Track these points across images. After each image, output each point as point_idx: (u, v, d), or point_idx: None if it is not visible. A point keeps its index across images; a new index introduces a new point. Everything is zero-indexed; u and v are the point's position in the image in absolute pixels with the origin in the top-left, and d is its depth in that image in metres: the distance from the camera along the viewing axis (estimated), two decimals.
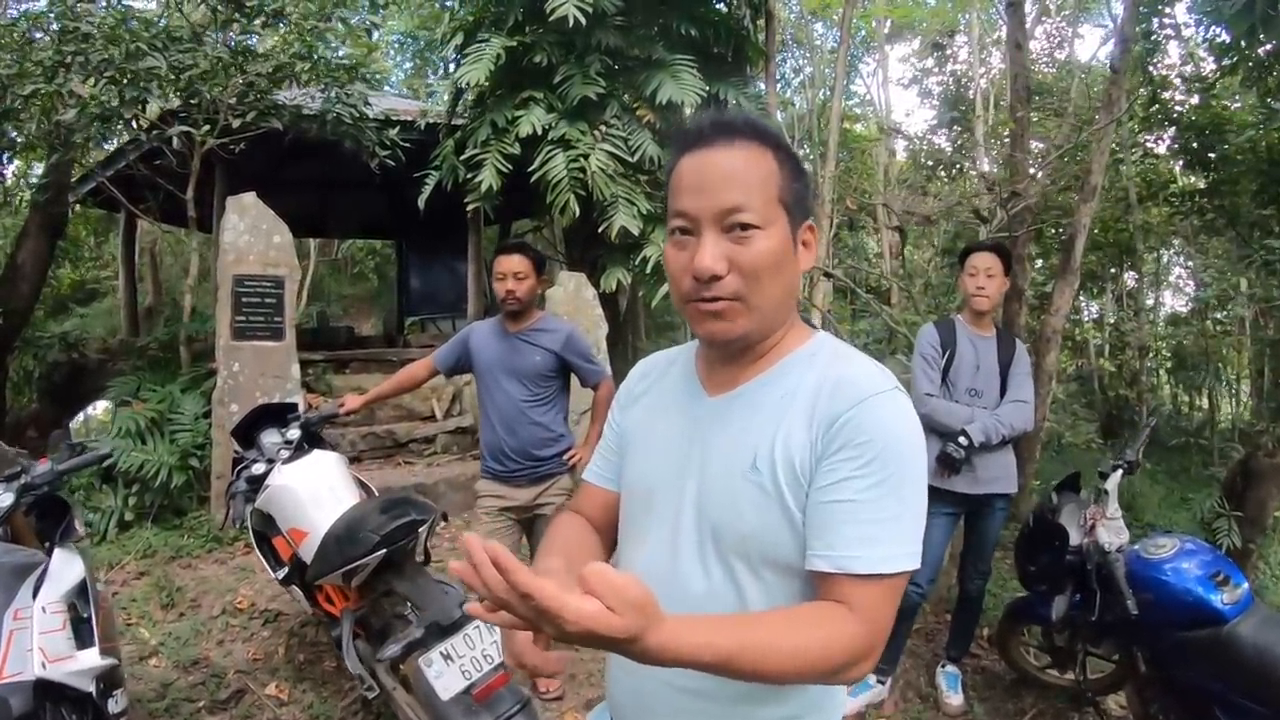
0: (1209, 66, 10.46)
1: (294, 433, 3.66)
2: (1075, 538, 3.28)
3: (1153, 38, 10.45)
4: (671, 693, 1.22)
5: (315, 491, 3.28)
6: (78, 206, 9.48)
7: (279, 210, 6.06)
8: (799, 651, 1.03)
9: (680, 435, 1.29)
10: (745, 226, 1.15)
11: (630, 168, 7.12)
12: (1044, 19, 16.28)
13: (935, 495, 3.61)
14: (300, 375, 7.60)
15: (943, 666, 4.01)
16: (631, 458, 1.38)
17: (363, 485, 3.69)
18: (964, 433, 3.51)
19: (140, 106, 6.44)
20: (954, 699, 3.86)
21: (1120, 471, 3.34)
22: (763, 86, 8.63)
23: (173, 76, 6.19)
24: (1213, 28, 9.46)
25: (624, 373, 1.53)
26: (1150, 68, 11.26)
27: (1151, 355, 14.01)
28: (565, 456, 3.74)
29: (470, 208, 7.52)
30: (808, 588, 1.16)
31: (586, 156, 6.90)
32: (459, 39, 7.63)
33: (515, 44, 7.02)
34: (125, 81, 6.08)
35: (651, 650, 0.93)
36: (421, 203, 7.84)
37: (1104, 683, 3.65)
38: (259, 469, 3.56)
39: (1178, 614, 2.91)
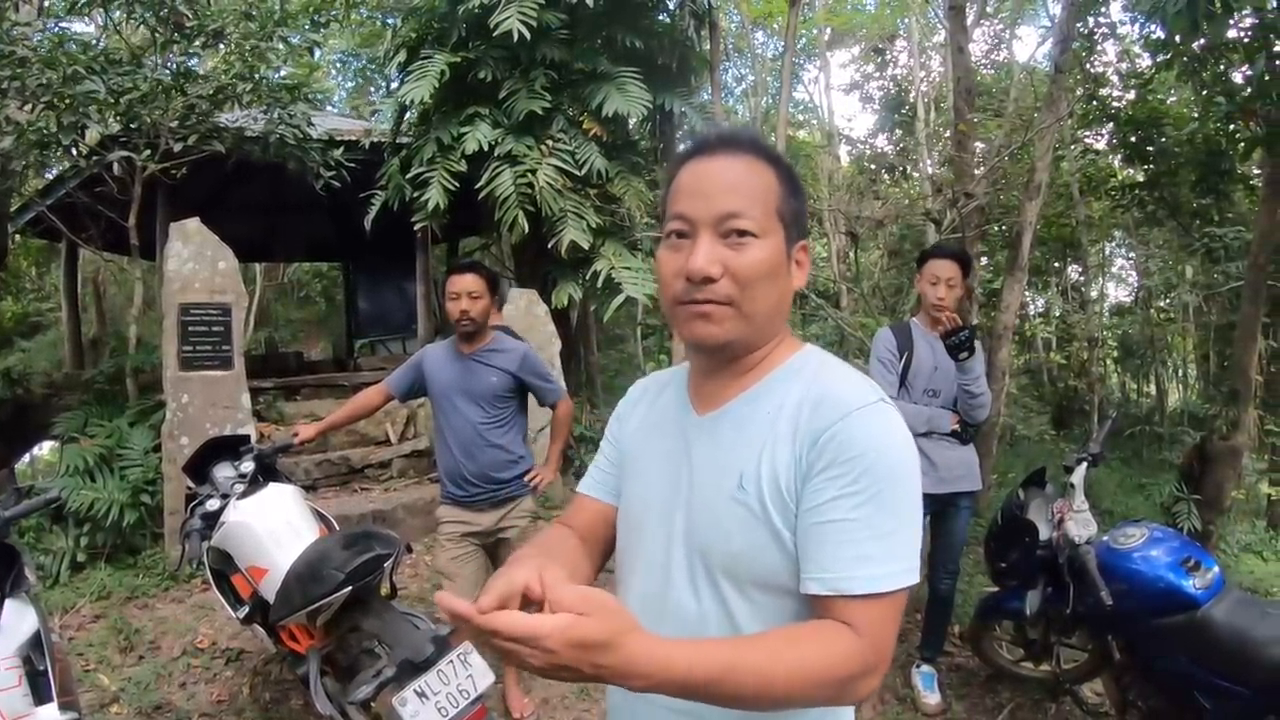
0: (1145, 63, 10.67)
1: (248, 465, 3.53)
2: (1044, 532, 3.29)
3: (1090, 36, 10.63)
4: (668, 714, 1.19)
5: (273, 527, 3.17)
6: (18, 237, 9.17)
7: (224, 235, 5.90)
8: (799, 669, 1.00)
9: (671, 455, 1.28)
10: (742, 233, 1.15)
11: (578, 181, 7.08)
12: (983, 21, 16.56)
13: None
14: (251, 404, 7.45)
15: (917, 667, 4.00)
16: (629, 478, 1.36)
17: (321, 517, 3.57)
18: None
19: (79, 132, 6.25)
20: (931, 698, 3.85)
21: (1085, 464, 3.36)
22: (708, 96, 8.63)
23: (112, 100, 6.01)
24: (1149, 24, 9.66)
25: (577, 389, 1.47)
26: (1088, 66, 11.46)
27: (1099, 346, 14.27)
28: (526, 478, 3.65)
29: (418, 227, 7.42)
30: (800, 608, 1.13)
31: (534, 171, 6.85)
32: (402, 56, 7.54)
33: (459, 60, 6.94)
34: (63, 106, 5.89)
35: (635, 660, 0.91)
36: (368, 223, 7.73)
37: (1079, 672, 3.65)
38: (213, 505, 3.43)
39: (1151, 601, 2.92)
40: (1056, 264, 16.65)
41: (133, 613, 5.02)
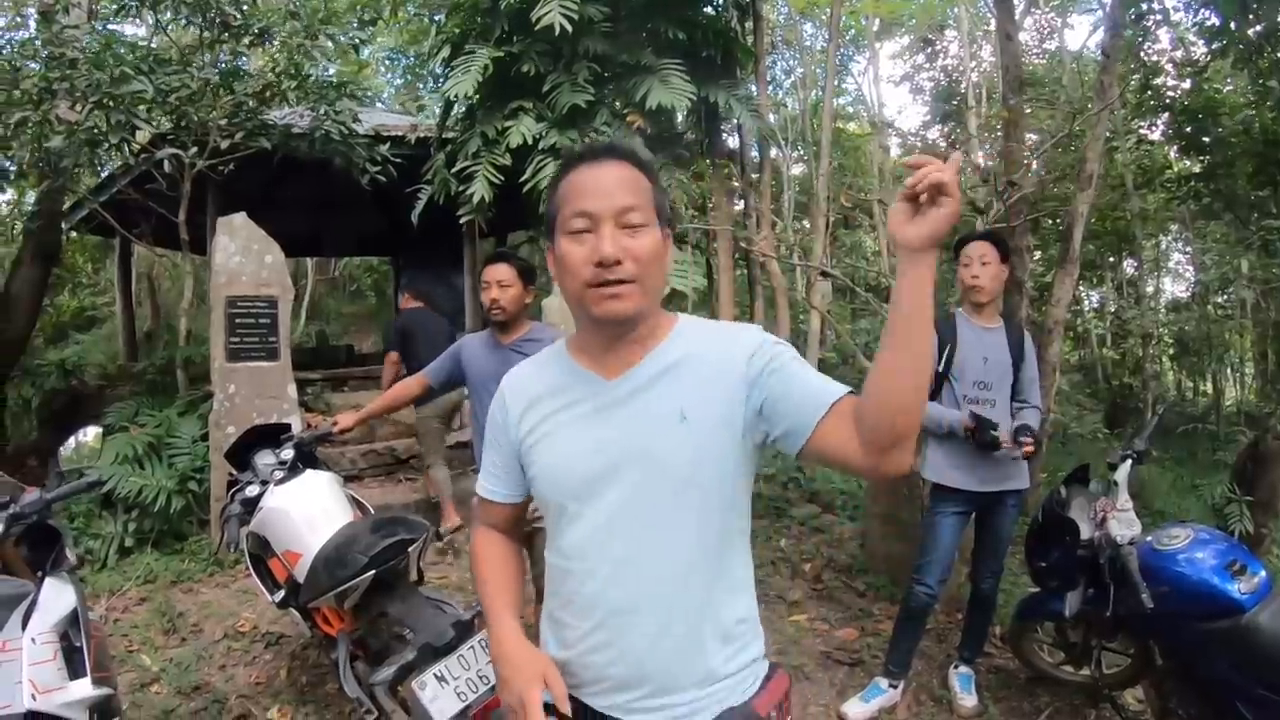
0: (1199, 51, 10.43)
1: (287, 453, 3.58)
2: (1086, 531, 3.20)
3: (1143, 23, 10.38)
4: (655, 638, 1.43)
5: (308, 512, 3.21)
6: (72, 234, 9.43)
7: (273, 231, 6.00)
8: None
9: (593, 420, 1.47)
10: (636, 225, 1.39)
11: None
12: (1033, 10, 16.24)
13: (945, 495, 3.53)
14: (298, 395, 7.57)
15: (955, 668, 3.92)
16: (545, 461, 1.52)
17: (358, 504, 3.61)
18: (1026, 427, 3.47)
19: (129, 131, 6.40)
20: (968, 700, 3.77)
21: (1130, 462, 3.26)
22: (754, 88, 8.54)
23: (160, 100, 6.15)
24: (1202, 11, 9.44)
25: None
26: (1142, 54, 11.18)
27: (1154, 342, 13.91)
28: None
29: (463, 220, 7.45)
30: (739, 508, 1.47)
31: None
32: (446, 52, 7.55)
33: (503, 54, 6.94)
34: (112, 106, 6.03)
35: None
36: (415, 218, 7.78)
37: (1121, 677, 3.55)
38: (253, 491, 3.49)
39: (1194, 605, 2.82)
40: (1111, 258, 16.28)
41: (177, 596, 5.14)
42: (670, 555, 1.41)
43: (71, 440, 2.88)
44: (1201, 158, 11.45)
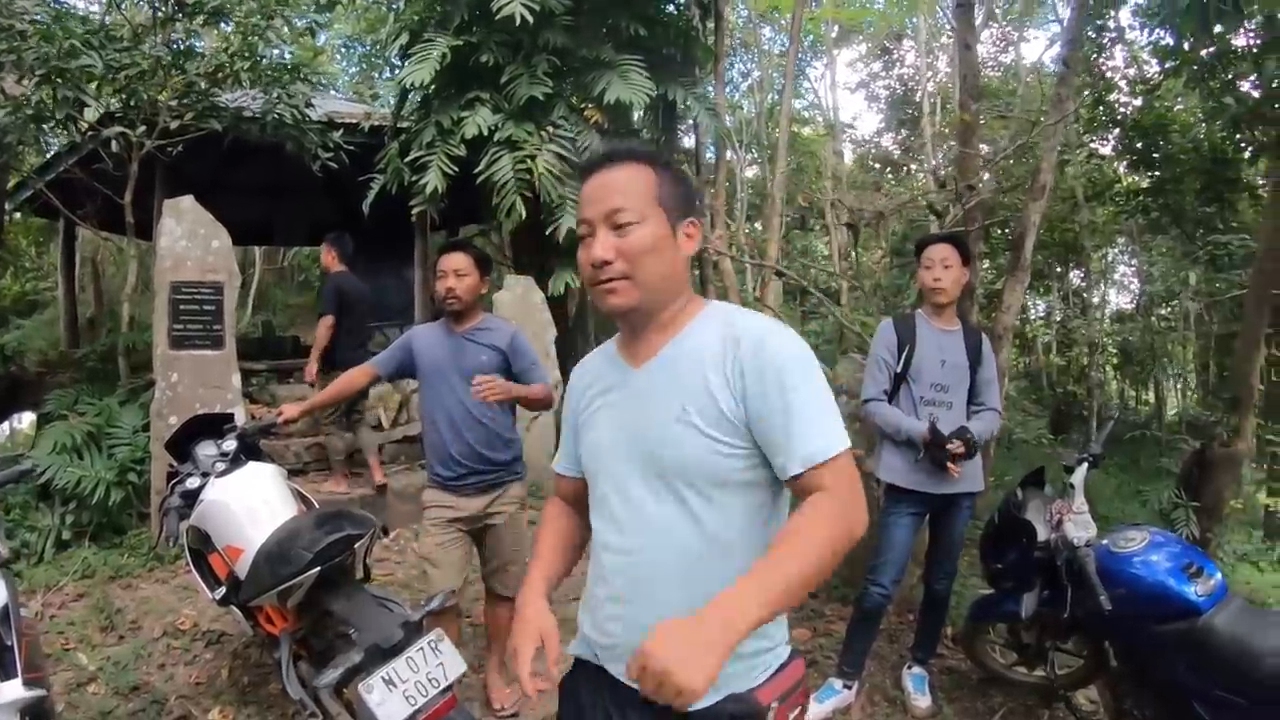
0: (1152, 69, 10.60)
1: (230, 445, 3.44)
2: (1043, 534, 3.18)
3: (1099, 40, 10.53)
4: (658, 609, 1.43)
5: (250, 506, 3.07)
6: (16, 215, 9.06)
7: (222, 217, 5.79)
8: (816, 547, 1.28)
9: (618, 405, 1.60)
10: (625, 224, 1.48)
11: (578, 169, 6.92)
12: (991, 23, 16.45)
13: (901, 496, 3.50)
14: (242, 385, 7.33)
15: (909, 668, 3.89)
16: (586, 441, 1.67)
17: (302, 498, 3.48)
18: (964, 429, 3.43)
19: (77, 107, 6.16)
20: (922, 701, 3.74)
21: (1085, 466, 3.27)
22: (712, 88, 8.51)
23: (110, 76, 5.91)
24: (1157, 31, 9.60)
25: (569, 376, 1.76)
26: (1096, 70, 11.35)
27: (1099, 351, 14.17)
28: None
29: (415, 211, 7.30)
30: (754, 497, 1.48)
31: (533, 158, 6.74)
32: (404, 39, 7.41)
33: (461, 44, 6.84)
34: (60, 81, 5.78)
35: (735, 624, 1.17)
36: (366, 207, 7.63)
37: (1074, 678, 3.54)
38: (193, 483, 3.34)
39: (1151, 607, 2.81)
40: (1059, 269, 16.57)
41: (115, 592, 4.94)
42: (673, 544, 1.48)
43: (5, 426, 2.71)
44: (1151, 173, 11.64)
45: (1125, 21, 10.39)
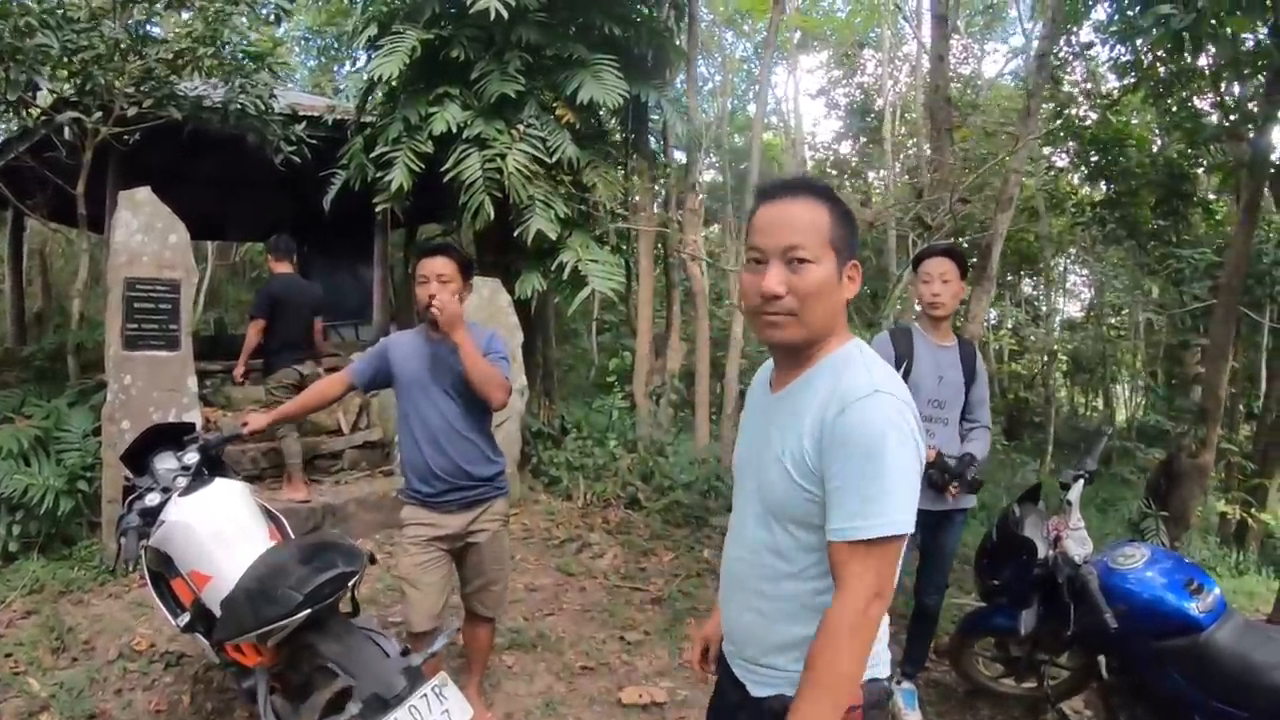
0: (1110, 84, 10.74)
1: (191, 457, 3.18)
2: (1042, 551, 3.11)
3: (1060, 54, 10.66)
4: (740, 617, 1.70)
5: (217, 529, 2.84)
6: None
7: (177, 210, 5.51)
8: (836, 658, 1.39)
9: (756, 424, 1.71)
10: (801, 261, 1.49)
11: (548, 169, 6.79)
12: (952, 35, 16.58)
13: None
14: (198, 388, 7.01)
15: (898, 683, 3.79)
16: (739, 440, 1.80)
17: (272, 517, 3.25)
18: (971, 458, 3.35)
19: (29, 90, 5.81)
20: (912, 715, 3.65)
21: (1081, 481, 3.22)
22: (683, 90, 8.37)
23: (65, 58, 5.59)
24: (1117, 47, 9.77)
25: (536, 382, 1.63)
26: (1059, 83, 11.48)
27: (1053, 359, 14.38)
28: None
29: (379, 208, 7.07)
30: (823, 537, 1.49)
31: (503, 156, 6.56)
32: (372, 31, 7.18)
33: (431, 37, 6.62)
34: (13, 62, 5.43)
35: None
36: (327, 203, 7.39)
37: (1062, 689, 3.52)
38: (153, 500, 3.07)
39: (1153, 624, 2.78)
40: (1010, 277, 16.78)
41: (67, 608, 4.67)
42: (758, 562, 1.63)
43: None
44: (1107, 186, 11.81)
45: (1085, 38, 10.53)
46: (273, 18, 6.61)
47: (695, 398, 8.40)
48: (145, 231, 5.34)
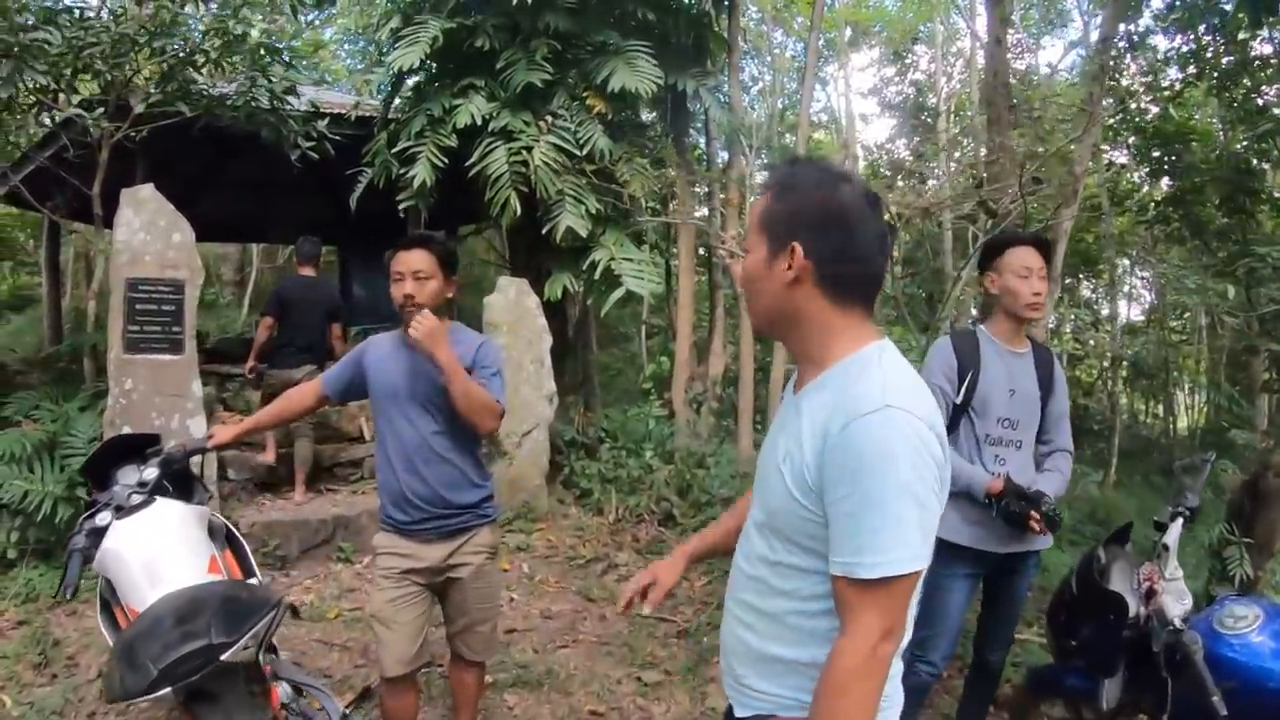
0: (1172, 75, 10.30)
1: (151, 472, 2.75)
2: (1132, 607, 2.50)
3: (1119, 44, 10.13)
4: (732, 629, 1.55)
5: (150, 558, 2.39)
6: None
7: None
8: (843, 709, 1.24)
9: (775, 425, 1.53)
10: (745, 252, 1.46)
11: (579, 162, 6.30)
12: (1009, 21, 15.82)
13: (956, 555, 2.78)
14: (218, 391, 6.68)
15: None
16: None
17: (231, 543, 2.80)
18: (1038, 493, 2.65)
19: (50, 94, 5.53)
20: None
21: (1181, 520, 2.57)
22: (725, 80, 7.80)
23: (69, 55, 5.26)
24: (1177, 37, 9.28)
25: (573, 388, 1.06)
26: (1116, 78, 10.99)
27: (1118, 365, 13.54)
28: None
29: (403, 206, 6.63)
30: (818, 559, 1.34)
31: (530, 149, 6.13)
32: (395, 22, 6.76)
33: (455, 26, 6.19)
34: (23, 61, 5.11)
35: None
36: (353, 202, 6.99)
37: None
38: (103, 520, 2.63)
39: (1272, 706, 2.16)
40: (1067, 280, 15.93)
41: (59, 620, 4.38)
42: (750, 574, 1.49)
43: None
44: (1169, 183, 11.25)
45: (1144, 26, 10.01)
46: (289, 8, 6.20)
47: (739, 405, 7.87)
48: (148, 230, 4.99)
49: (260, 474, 6.04)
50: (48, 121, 6.35)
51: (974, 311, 8.72)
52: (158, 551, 2.42)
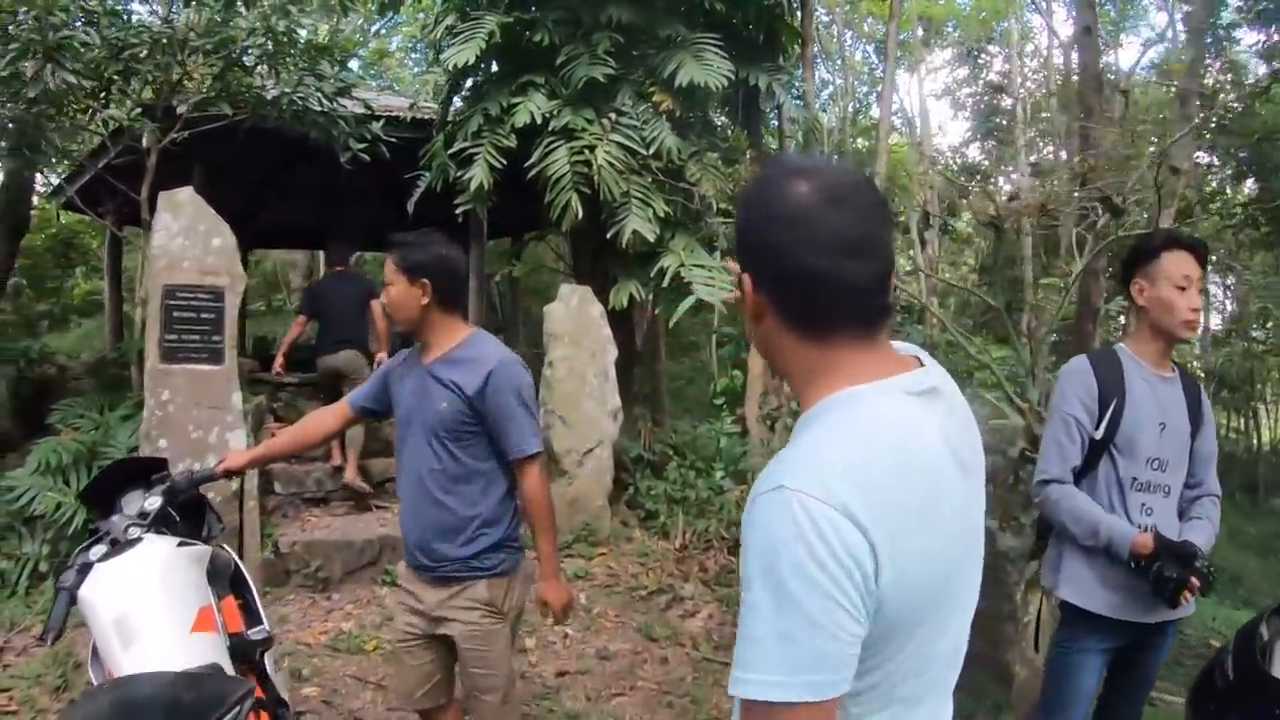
0: (1255, 75, 9.78)
1: (153, 502, 2.39)
2: None
3: (1207, 39, 9.61)
4: None
5: (123, 613, 2.00)
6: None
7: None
8: None
9: None
10: None
11: (645, 162, 5.88)
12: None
13: (1091, 625, 2.27)
14: (269, 401, 6.45)
15: None
16: None
17: (237, 588, 2.44)
18: (1193, 549, 2.13)
19: (100, 99, 5.35)
20: None
21: None
22: (799, 74, 7.30)
23: (109, 56, 5.03)
24: (1265, 30, 8.93)
25: (640, 400, 0.45)
26: (1204, 76, 10.40)
27: (1211, 380, 12.74)
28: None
29: (461, 210, 6.29)
30: None
31: (593, 149, 5.69)
32: (451, 19, 6.41)
33: (512, 20, 5.83)
34: (31, 57, 4.89)
35: None
36: (410, 207, 6.66)
37: None
38: (96, 554, 2.30)
39: None
40: None
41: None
42: None
43: None
44: (1259, 184, 10.55)
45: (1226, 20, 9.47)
46: (337, 4, 5.91)
47: None
48: (186, 234, 4.70)
49: (309, 488, 5.75)
50: (97, 127, 6.17)
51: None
52: (134, 605, 2.04)
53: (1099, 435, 2.26)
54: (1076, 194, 4.47)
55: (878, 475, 0.92)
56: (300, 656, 4.04)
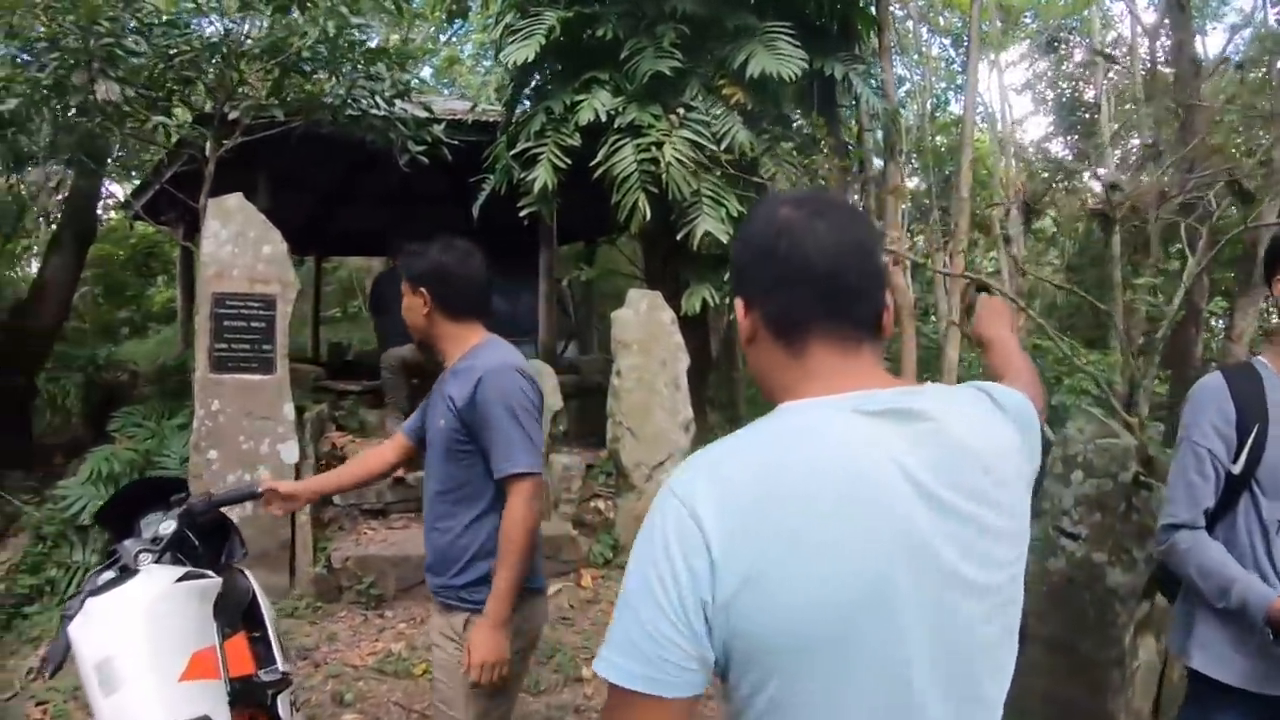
0: None
1: (168, 526, 2.15)
2: None
3: None
4: None
5: (106, 657, 1.73)
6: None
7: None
8: None
9: None
10: None
11: (714, 157, 5.58)
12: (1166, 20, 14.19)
13: (1223, 698, 1.83)
14: (330, 409, 6.31)
15: None
16: None
17: (250, 628, 2.18)
18: None
19: (161, 110, 5.31)
20: None
21: None
22: (877, 64, 6.88)
23: (159, 64, 4.95)
24: None
25: (716, 408, 0.24)
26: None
27: None
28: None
29: (525, 212, 6.07)
30: None
31: (660, 146, 5.45)
32: (510, 17, 6.21)
33: (573, 15, 5.59)
34: (75, 67, 4.82)
35: None
36: (476, 210, 6.50)
37: None
38: (103, 580, 2.07)
39: None
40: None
41: None
42: None
43: None
44: None
45: None
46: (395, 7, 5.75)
47: None
48: (236, 242, 4.57)
49: (369, 499, 5.57)
50: (159, 138, 6.15)
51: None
52: (118, 650, 1.78)
53: (1237, 470, 1.82)
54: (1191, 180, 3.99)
55: (762, 487, 0.88)
56: (345, 679, 3.85)
